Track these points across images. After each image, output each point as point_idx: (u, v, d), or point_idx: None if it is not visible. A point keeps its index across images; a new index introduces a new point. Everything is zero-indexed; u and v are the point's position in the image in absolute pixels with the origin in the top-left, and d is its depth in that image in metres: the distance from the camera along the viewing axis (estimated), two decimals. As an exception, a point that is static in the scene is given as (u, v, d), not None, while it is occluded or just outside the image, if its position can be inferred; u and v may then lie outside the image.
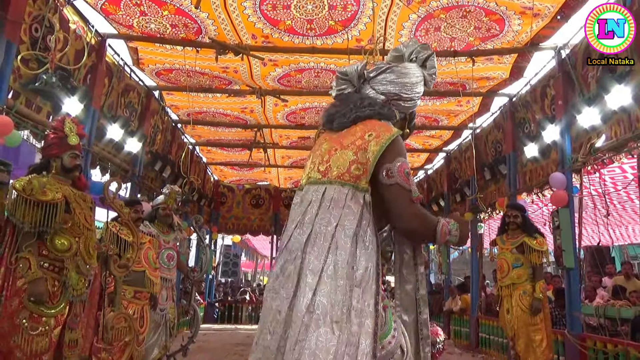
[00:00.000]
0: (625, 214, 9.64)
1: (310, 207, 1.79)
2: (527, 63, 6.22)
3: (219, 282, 15.54)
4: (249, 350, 5.26)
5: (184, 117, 8.42)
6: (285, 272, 1.74)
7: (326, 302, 1.64)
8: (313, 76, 6.67)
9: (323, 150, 1.92)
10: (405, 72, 2.03)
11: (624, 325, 5.00)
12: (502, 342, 6.85)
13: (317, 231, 1.74)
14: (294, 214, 1.85)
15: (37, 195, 2.81)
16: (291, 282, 1.70)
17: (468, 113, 7.85)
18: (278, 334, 1.66)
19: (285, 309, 1.68)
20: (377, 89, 2.01)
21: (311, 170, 1.91)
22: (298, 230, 1.78)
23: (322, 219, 1.75)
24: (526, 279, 4.89)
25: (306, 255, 1.71)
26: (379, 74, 2.02)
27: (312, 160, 1.94)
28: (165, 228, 5.16)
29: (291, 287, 1.69)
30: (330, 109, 2.04)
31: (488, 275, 10.73)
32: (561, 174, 5.59)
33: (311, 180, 1.87)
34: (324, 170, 1.85)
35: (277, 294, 1.73)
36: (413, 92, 2.04)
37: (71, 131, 3.09)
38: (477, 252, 8.57)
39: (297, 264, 1.72)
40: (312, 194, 1.82)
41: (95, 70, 5.45)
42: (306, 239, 1.73)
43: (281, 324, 1.67)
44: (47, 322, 2.80)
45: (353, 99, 1.98)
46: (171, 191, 5.25)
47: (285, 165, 11.28)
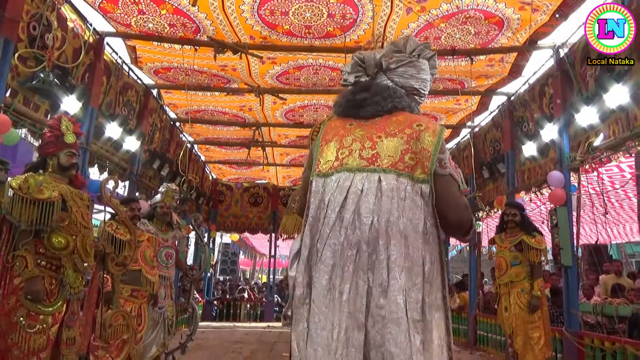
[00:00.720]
0: (622, 212, 9.65)
1: (365, 196, 1.68)
2: (525, 62, 6.22)
3: (218, 280, 15.55)
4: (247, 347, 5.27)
5: (182, 116, 8.41)
6: (347, 268, 1.62)
7: (406, 300, 1.59)
8: (312, 73, 6.67)
9: (359, 136, 1.82)
10: (424, 69, 2.00)
11: (622, 323, 5.02)
12: (500, 340, 6.87)
13: (389, 222, 1.64)
14: (332, 201, 1.72)
15: (33, 193, 2.81)
16: (362, 279, 1.61)
17: (467, 111, 7.85)
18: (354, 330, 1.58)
19: (359, 306, 1.59)
20: (396, 81, 1.95)
21: (346, 157, 1.79)
22: (352, 220, 1.66)
23: (387, 211, 1.65)
24: (524, 277, 4.90)
25: (380, 248, 1.62)
26: (399, 66, 1.95)
27: (344, 146, 1.82)
28: (164, 226, 5.16)
29: (364, 284, 1.61)
30: (354, 95, 1.94)
31: (486, 273, 10.73)
32: (559, 172, 5.60)
33: (349, 167, 1.76)
34: (369, 158, 1.75)
35: (339, 291, 1.61)
36: (427, 89, 2.02)
37: (68, 129, 3.09)
38: (475, 250, 8.58)
39: (364, 259, 1.62)
40: (359, 181, 1.71)
41: (93, 69, 5.44)
42: (376, 231, 1.63)
43: (356, 320, 1.58)
44: (45, 320, 2.80)
45: (382, 89, 1.91)
46: (168, 189, 5.25)
47: (284, 163, 11.27)
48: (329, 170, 1.80)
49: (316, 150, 1.91)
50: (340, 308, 1.60)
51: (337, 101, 2.02)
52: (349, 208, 1.69)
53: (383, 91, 1.90)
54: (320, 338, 1.61)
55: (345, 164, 1.78)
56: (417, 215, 1.68)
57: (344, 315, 1.60)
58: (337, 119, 1.97)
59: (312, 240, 1.73)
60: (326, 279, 1.65)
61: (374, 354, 1.57)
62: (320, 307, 1.64)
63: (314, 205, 1.77)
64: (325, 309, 1.63)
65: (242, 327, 10.62)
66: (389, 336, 1.56)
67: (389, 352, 1.54)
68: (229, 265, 17.21)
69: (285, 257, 23.67)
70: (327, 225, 1.70)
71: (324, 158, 1.85)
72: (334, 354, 1.57)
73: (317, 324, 1.63)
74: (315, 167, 1.86)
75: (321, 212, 1.74)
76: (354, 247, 1.64)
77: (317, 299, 1.65)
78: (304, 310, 1.69)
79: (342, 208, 1.70)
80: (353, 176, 1.74)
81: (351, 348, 1.57)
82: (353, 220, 1.67)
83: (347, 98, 1.96)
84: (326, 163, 1.83)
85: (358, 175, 1.74)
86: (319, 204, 1.76)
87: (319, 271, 1.67)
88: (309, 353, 1.61)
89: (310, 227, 1.75)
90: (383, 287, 1.60)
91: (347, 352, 1.57)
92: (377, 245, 1.63)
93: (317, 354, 1.60)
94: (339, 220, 1.69)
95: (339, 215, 1.70)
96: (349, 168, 1.76)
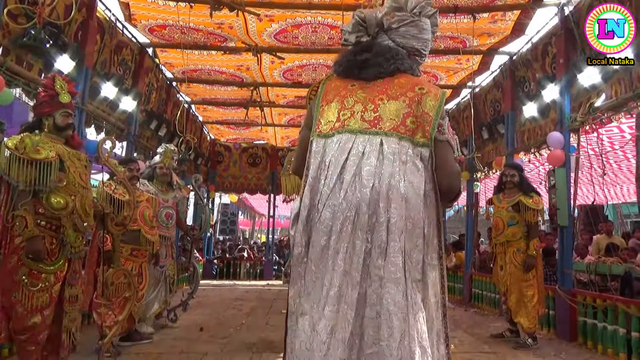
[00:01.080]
0: (620, 174, 9.68)
1: (366, 159, 1.69)
2: (529, 20, 6.07)
3: (217, 239, 15.74)
4: (247, 304, 5.40)
5: (178, 75, 8.27)
6: (345, 228, 1.64)
7: (406, 261, 1.63)
8: (310, 31, 6.51)
9: (361, 98, 1.81)
10: (426, 28, 1.96)
11: (614, 281, 5.12)
12: (494, 298, 7.03)
13: (390, 185, 1.65)
14: (333, 162, 1.72)
15: (30, 153, 2.79)
16: (359, 239, 1.63)
17: (468, 71, 7.73)
18: (349, 287, 1.61)
19: (355, 265, 1.61)
20: (397, 41, 1.92)
21: (348, 118, 1.78)
22: (353, 182, 1.67)
23: (389, 174, 1.66)
24: (521, 236, 4.97)
25: (381, 211, 1.63)
26: (401, 26, 1.92)
27: (345, 107, 1.81)
28: (164, 187, 5.18)
29: (362, 244, 1.62)
30: (355, 55, 1.90)
31: (483, 233, 10.87)
32: (559, 133, 5.57)
33: (351, 129, 1.75)
34: (371, 120, 1.75)
35: (334, 250, 1.63)
36: (428, 49, 1.99)
37: (62, 89, 3.04)
38: (473, 210, 8.65)
39: (363, 220, 1.63)
40: (360, 143, 1.71)
41: (86, 27, 5.30)
42: (377, 194, 1.64)
43: (352, 279, 1.61)
44: (47, 278, 2.84)
45: (384, 50, 1.88)
46: (166, 150, 5.24)
47: (282, 124, 11.19)
48: (330, 130, 1.79)
49: (316, 110, 1.89)
50: (334, 266, 1.63)
51: (338, 60, 1.99)
52: (350, 170, 1.69)
53: (385, 52, 1.88)
54: (314, 294, 1.65)
55: (347, 125, 1.77)
56: (418, 179, 1.70)
57: (337, 274, 1.62)
58: (338, 79, 1.95)
59: (311, 200, 1.74)
60: (325, 239, 1.67)
61: (369, 311, 1.61)
62: (317, 265, 1.67)
63: (314, 166, 1.77)
64: (322, 267, 1.66)
65: (242, 285, 10.83)
66: (387, 295, 1.59)
67: (387, 309, 1.58)
68: (229, 225, 17.37)
69: (284, 217, 23.92)
70: (327, 186, 1.70)
71: (325, 118, 1.83)
72: (322, 309, 1.61)
73: (314, 282, 1.67)
74: (315, 127, 1.84)
75: (322, 172, 1.74)
76: (352, 208, 1.65)
77: (315, 258, 1.68)
78: (302, 268, 1.72)
79: (343, 169, 1.70)
80: (354, 138, 1.74)
81: (343, 304, 1.61)
82: (353, 182, 1.68)
83: (348, 58, 1.93)
84: (327, 124, 1.82)
85: (360, 137, 1.74)
86: (319, 165, 1.76)
87: (318, 231, 1.69)
88: (305, 308, 1.66)
89: (310, 188, 1.75)
90: (382, 248, 1.62)
91: (339, 308, 1.60)
92: (378, 208, 1.64)
93: (311, 310, 1.65)
94: (339, 181, 1.70)
95: (339, 176, 1.70)
96: (350, 130, 1.76)
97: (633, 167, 8.56)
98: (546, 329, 5.66)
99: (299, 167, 1.97)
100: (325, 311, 1.61)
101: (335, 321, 1.59)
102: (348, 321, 1.59)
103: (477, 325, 6.12)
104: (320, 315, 1.61)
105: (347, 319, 1.60)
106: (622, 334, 4.42)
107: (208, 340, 4.82)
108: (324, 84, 1.96)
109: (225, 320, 6.01)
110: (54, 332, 2.96)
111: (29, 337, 2.80)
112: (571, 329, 5.19)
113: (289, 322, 1.75)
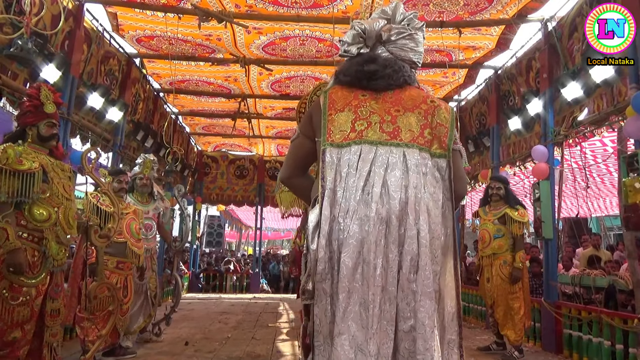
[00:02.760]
0: (603, 187, 9.83)
1: (391, 170, 1.70)
2: (513, 35, 6.19)
3: (203, 252, 15.59)
4: (233, 318, 5.35)
5: (166, 86, 8.25)
6: (379, 242, 1.64)
7: (429, 274, 1.64)
8: (298, 44, 6.56)
9: (376, 109, 1.82)
10: (421, 42, 2.00)
11: (598, 294, 5.17)
12: (481, 310, 7.05)
13: (417, 197, 1.67)
14: (354, 174, 1.71)
15: (13, 164, 2.74)
16: (392, 253, 1.63)
17: (454, 84, 7.83)
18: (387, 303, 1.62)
19: (391, 280, 1.63)
20: (395, 53, 1.94)
21: (365, 129, 1.78)
22: (381, 194, 1.68)
23: (414, 186, 1.69)
24: (507, 249, 5.00)
25: (411, 223, 1.65)
26: (399, 38, 1.94)
27: (360, 117, 1.81)
28: (144, 198, 5.12)
29: (395, 258, 1.63)
30: (362, 65, 1.90)
31: (469, 245, 10.93)
32: (543, 146, 5.65)
33: (370, 140, 1.76)
34: (391, 132, 1.77)
35: (373, 265, 1.62)
36: (421, 62, 2.02)
37: (47, 99, 3.00)
38: (460, 223, 8.70)
39: (394, 233, 1.64)
40: (383, 155, 1.73)
41: (73, 36, 5.27)
42: (405, 206, 1.66)
43: (389, 294, 1.62)
44: (28, 292, 2.78)
45: (391, 62, 1.90)
46: (146, 160, 5.19)
47: (270, 135, 11.19)
48: (344, 140, 1.78)
49: (323, 118, 1.85)
50: (374, 282, 1.61)
51: (343, 70, 1.97)
52: (376, 182, 1.69)
53: (393, 64, 1.90)
54: (354, 314, 1.60)
55: (365, 136, 1.77)
56: (436, 190, 1.73)
57: (378, 290, 1.61)
58: (342, 88, 1.92)
59: (331, 213, 1.70)
60: (357, 253, 1.63)
61: (402, 324, 1.62)
62: (351, 282, 1.62)
63: (330, 177, 1.73)
64: (356, 284, 1.62)
65: (228, 298, 10.71)
66: (422, 309, 1.61)
67: (422, 323, 1.60)
68: (215, 237, 17.24)
69: (271, 229, 23.72)
70: (354, 198, 1.68)
71: (337, 127, 1.81)
72: (369, 328, 1.58)
73: (349, 300, 1.61)
74: (326, 135, 1.80)
75: (339, 184, 1.72)
76: (384, 221, 1.65)
77: (348, 274, 1.63)
78: (326, 285, 1.67)
79: (367, 181, 1.70)
80: (375, 149, 1.74)
81: (383, 321, 1.60)
82: (381, 195, 1.67)
83: (357, 68, 1.91)
84: (340, 133, 1.79)
85: (381, 148, 1.75)
86: (335, 176, 1.73)
87: (348, 246, 1.64)
88: (342, 328, 1.60)
89: (329, 200, 1.71)
90: (414, 261, 1.63)
91: (380, 325, 1.60)
92: (407, 220, 1.66)
93: (350, 329, 1.59)
94: (364, 193, 1.68)
95: (363, 188, 1.69)
96: (369, 141, 1.76)
97: (615, 180, 8.71)
98: (532, 342, 5.68)
99: (290, 176, 1.96)
100: (373, 330, 1.58)
101: (380, 339, 1.59)
102: (390, 338, 1.60)
103: (464, 338, 6.04)
104: (368, 335, 1.58)
105: (389, 335, 1.60)
106: (607, 346, 4.44)
107: (193, 354, 4.74)
108: (326, 93, 1.92)
109: (210, 334, 5.93)
110: (34, 347, 2.88)
111: (8, 352, 2.72)
112: (557, 342, 5.21)
113: (315, 342, 1.69)
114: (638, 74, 4.07)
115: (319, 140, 1.83)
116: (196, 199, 11.84)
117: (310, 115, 1.95)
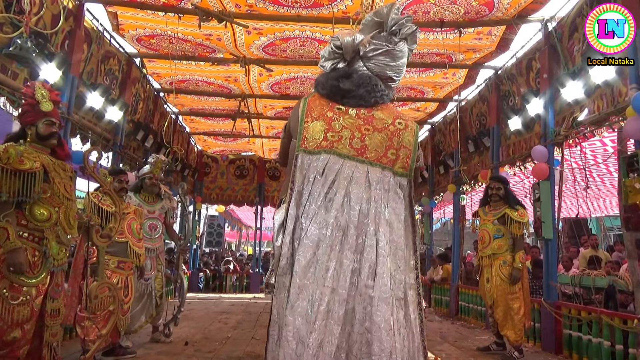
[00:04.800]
0: (603, 187, 9.83)
1: (354, 183, 1.84)
2: (514, 35, 6.19)
3: (203, 252, 15.59)
4: (233, 318, 5.37)
5: (166, 86, 8.25)
6: (334, 247, 1.75)
7: (392, 282, 1.76)
8: (298, 45, 6.55)
9: (348, 124, 1.96)
10: (400, 55, 2.07)
11: (598, 294, 5.17)
12: (480, 310, 7.05)
13: (377, 211, 1.80)
14: (319, 180, 1.85)
15: (14, 164, 2.74)
16: (348, 259, 1.75)
17: (454, 85, 7.83)
18: (336, 304, 1.71)
19: (342, 283, 1.73)
20: (372, 68, 2.05)
21: (336, 141, 1.93)
22: (342, 203, 1.80)
23: (375, 200, 1.82)
24: (506, 249, 5.00)
25: (370, 233, 1.77)
26: (375, 54, 2.04)
27: (333, 129, 1.95)
28: (151, 198, 5.12)
29: (350, 264, 1.75)
30: (338, 81, 2.02)
31: (469, 246, 10.93)
32: (543, 147, 5.65)
33: (339, 153, 1.90)
34: (359, 149, 1.92)
35: (325, 267, 1.73)
36: (401, 75, 2.12)
37: (43, 97, 2.98)
38: (460, 223, 8.70)
39: (351, 240, 1.76)
40: (348, 168, 1.87)
41: (73, 36, 5.27)
42: (365, 217, 1.79)
43: (339, 296, 1.72)
44: (28, 291, 2.77)
45: (365, 80, 2.01)
46: (157, 160, 5.19)
47: (270, 135, 11.19)
48: (316, 148, 1.91)
49: (300, 124, 1.98)
50: (323, 283, 1.71)
51: (320, 83, 2.10)
52: (340, 192, 1.82)
53: (366, 84, 2.01)
54: (300, 308, 1.70)
55: (335, 148, 1.92)
56: (399, 206, 1.87)
57: (327, 290, 1.71)
58: (320, 98, 2.06)
59: (296, 213, 1.83)
60: (311, 253, 1.75)
61: (358, 327, 1.71)
62: (302, 279, 1.73)
63: (298, 181, 1.86)
64: (307, 281, 1.73)
65: (228, 298, 10.71)
66: (378, 313, 1.69)
67: (378, 326, 1.68)
68: (215, 237, 17.26)
69: (271, 229, 23.66)
70: (314, 203, 1.81)
71: (310, 135, 1.93)
72: (312, 323, 1.68)
73: (298, 295, 1.72)
74: (300, 142, 1.94)
75: (305, 187, 1.85)
76: (341, 228, 1.77)
77: (300, 271, 1.74)
78: (286, 279, 1.79)
79: (330, 189, 1.82)
80: (342, 162, 1.88)
81: (330, 320, 1.69)
82: (343, 204, 1.80)
83: (331, 83, 2.04)
84: (313, 140, 1.92)
85: (347, 162, 1.89)
86: (303, 180, 1.86)
87: (304, 245, 1.77)
88: (288, 320, 1.71)
89: (295, 201, 1.84)
90: (372, 269, 1.73)
91: (327, 323, 1.68)
92: (367, 230, 1.76)
93: (295, 322, 1.70)
94: (325, 200, 1.81)
95: (325, 195, 1.81)
96: (338, 153, 1.90)
97: (615, 180, 8.71)
98: (532, 342, 5.68)
99: (284, 164, 2.20)
100: (315, 325, 1.66)
101: (323, 335, 1.66)
102: (335, 336, 1.68)
103: (464, 338, 6.12)
104: (310, 329, 1.66)
105: (334, 333, 1.68)
106: (606, 347, 4.45)
107: (193, 354, 4.74)
108: (306, 100, 2.06)
109: (210, 334, 5.93)
110: (34, 347, 2.88)
111: (8, 352, 2.72)
112: (556, 342, 5.21)
113: (270, 331, 1.82)
114: (638, 74, 4.07)
115: (294, 141, 1.99)
116: (196, 199, 11.84)
117: (289, 119, 2.11)
